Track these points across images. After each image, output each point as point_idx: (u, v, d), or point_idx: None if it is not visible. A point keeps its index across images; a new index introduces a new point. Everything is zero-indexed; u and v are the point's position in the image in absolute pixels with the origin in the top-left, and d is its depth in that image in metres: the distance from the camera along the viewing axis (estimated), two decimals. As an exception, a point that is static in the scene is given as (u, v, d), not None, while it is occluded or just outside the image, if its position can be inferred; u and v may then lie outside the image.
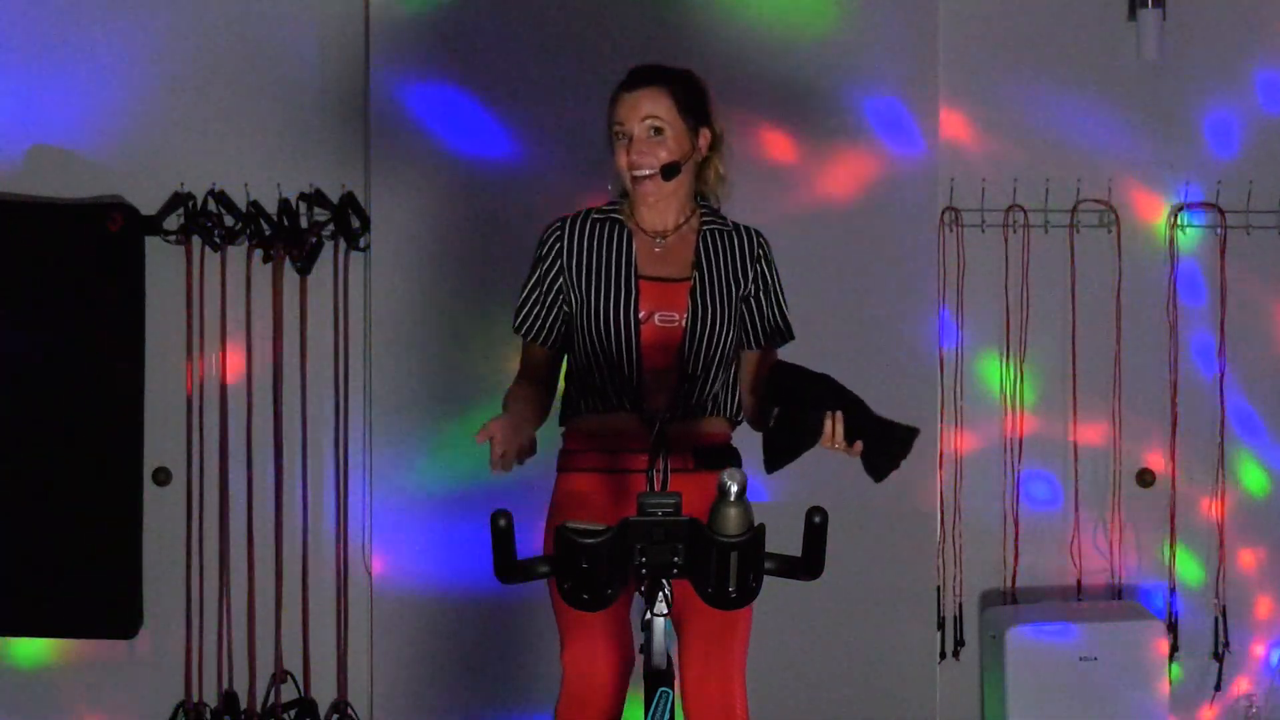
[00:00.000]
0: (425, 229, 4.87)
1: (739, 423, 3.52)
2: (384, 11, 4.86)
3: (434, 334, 4.86)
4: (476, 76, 4.86)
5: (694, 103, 3.45)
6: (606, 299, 3.39)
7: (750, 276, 3.48)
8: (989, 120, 5.13)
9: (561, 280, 3.44)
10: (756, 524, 2.82)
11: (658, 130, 3.40)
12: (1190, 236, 5.15)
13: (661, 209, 3.45)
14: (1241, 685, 5.21)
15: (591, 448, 3.42)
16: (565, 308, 3.45)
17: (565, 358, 3.50)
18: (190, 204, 4.93)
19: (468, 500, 4.77)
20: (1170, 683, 4.98)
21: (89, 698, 4.98)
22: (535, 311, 3.46)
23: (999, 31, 5.11)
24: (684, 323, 3.40)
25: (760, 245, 3.51)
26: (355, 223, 4.96)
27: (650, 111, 3.40)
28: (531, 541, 3.35)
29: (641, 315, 3.39)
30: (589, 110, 3.55)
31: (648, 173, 3.39)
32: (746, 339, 3.50)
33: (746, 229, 3.52)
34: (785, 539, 3.02)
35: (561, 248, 3.45)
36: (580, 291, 3.41)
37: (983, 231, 5.12)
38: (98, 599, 4.88)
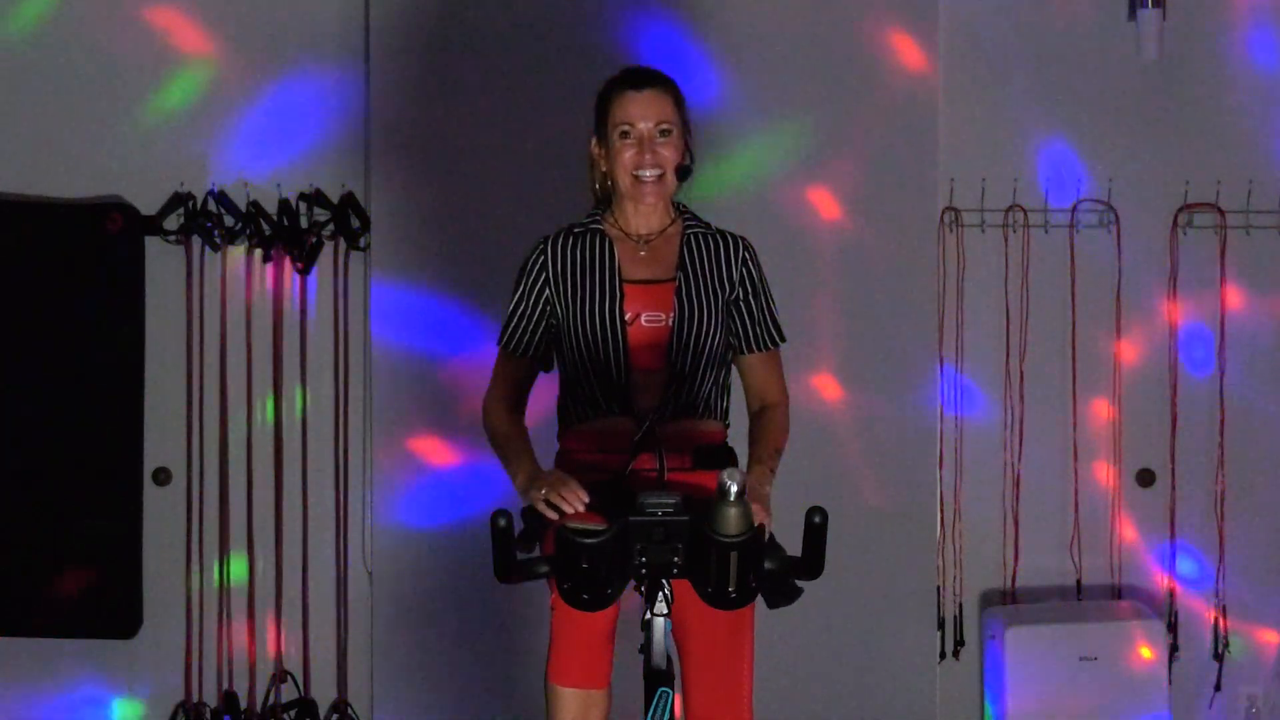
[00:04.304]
0: (425, 229, 4.87)
1: (728, 426, 3.52)
2: (384, 11, 4.86)
3: (434, 334, 4.86)
4: (476, 77, 4.85)
5: (685, 106, 3.48)
6: (592, 304, 3.39)
7: (736, 279, 3.47)
8: (989, 120, 5.12)
9: (548, 293, 3.45)
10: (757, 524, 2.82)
11: (665, 132, 3.41)
12: (1190, 237, 5.15)
13: (648, 212, 3.45)
14: (1241, 685, 5.20)
15: (589, 450, 3.42)
16: (551, 321, 3.45)
17: (556, 370, 3.50)
18: (190, 204, 4.93)
19: (467, 500, 4.77)
20: (1170, 683, 4.98)
21: (89, 698, 4.98)
22: (521, 325, 3.47)
23: (999, 31, 5.11)
24: (670, 322, 3.40)
25: (745, 249, 3.50)
26: (355, 223, 4.96)
27: (661, 112, 3.41)
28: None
29: (628, 316, 3.39)
30: (588, 109, 3.55)
31: (656, 174, 3.40)
32: (741, 344, 3.49)
33: (730, 234, 3.52)
34: (785, 539, 3.03)
35: (546, 261, 3.46)
36: (567, 301, 3.41)
37: (983, 231, 5.12)
38: (98, 599, 4.88)
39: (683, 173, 3.43)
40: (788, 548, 2.99)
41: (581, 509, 3.08)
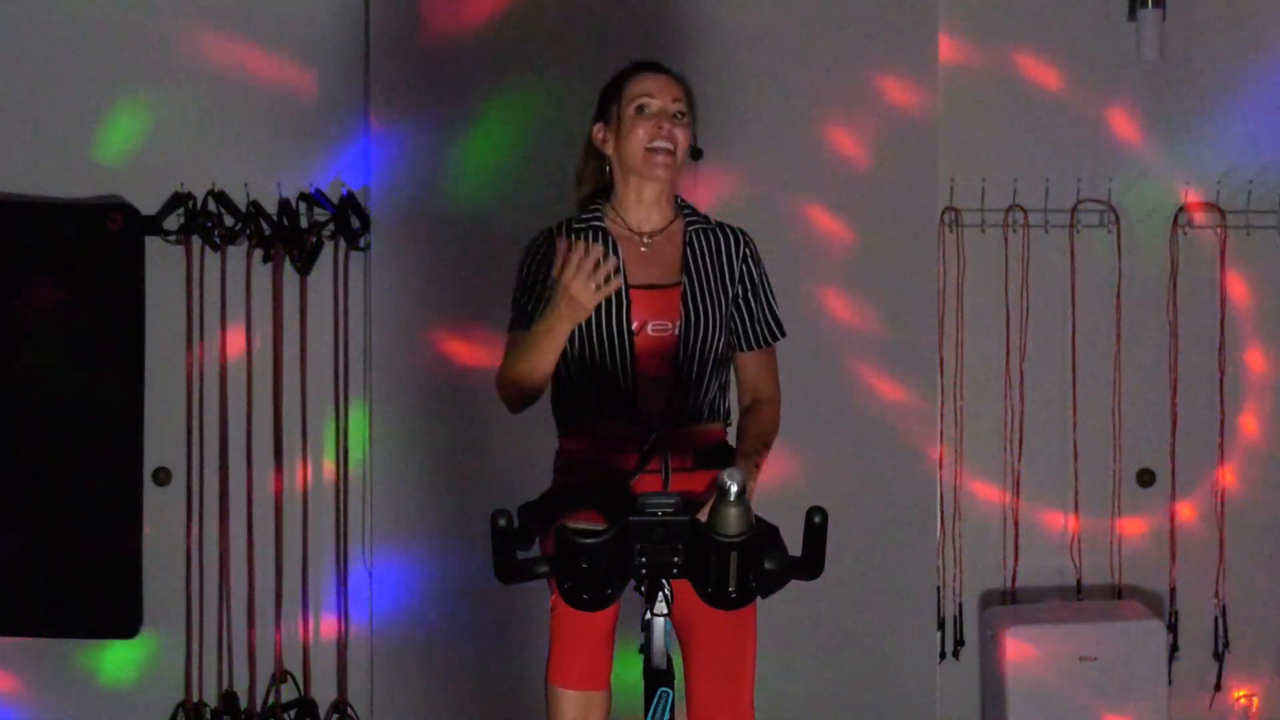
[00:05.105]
0: (425, 229, 4.87)
1: (730, 424, 3.51)
2: (384, 11, 4.86)
3: (434, 334, 4.86)
4: (476, 76, 4.85)
5: (695, 104, 3.48)
6: (598, 311, 3.36)
7: (737, 276, 3.46)
8: (990, 120, 5.12)
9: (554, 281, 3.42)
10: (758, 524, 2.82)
11: (680, 115, 3.41)
12: (1190, 236, 5.16)
13: (652, 201, 3.43)
14: (1241, 685, 5.20)
15: (590, 451, 3.40)
16: None
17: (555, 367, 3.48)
18: (190, 204, 4.93)
19: (467, 500, 4.77)
20: (1170, 683, 4.98)
21: (89, 698, 4.98)
22: (530, 305, 3.39)
23: (999, 31, 5.11)
24: (677, 330, 3.38)
25: (746, 245, 3.49)
26: (355, 223, 4.96)
27: (678, 93, 3.42)
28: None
29: (634, 326, 3.38)
30: (589, 109, 3.55)
31: (670, 147, 3.38)
32: (738, 341, 3.48)
33: (731, 228, 3.50)
34: (785, 539, 3.02)
35: (552, 251, 3.42)
36: None
37: (983, 231, 5.12)
38: (98, 599, 4.88)
39: (695, 153, 3.43)
40: (787, 548, 2.99)
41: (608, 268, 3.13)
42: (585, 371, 3.37)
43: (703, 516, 2.82)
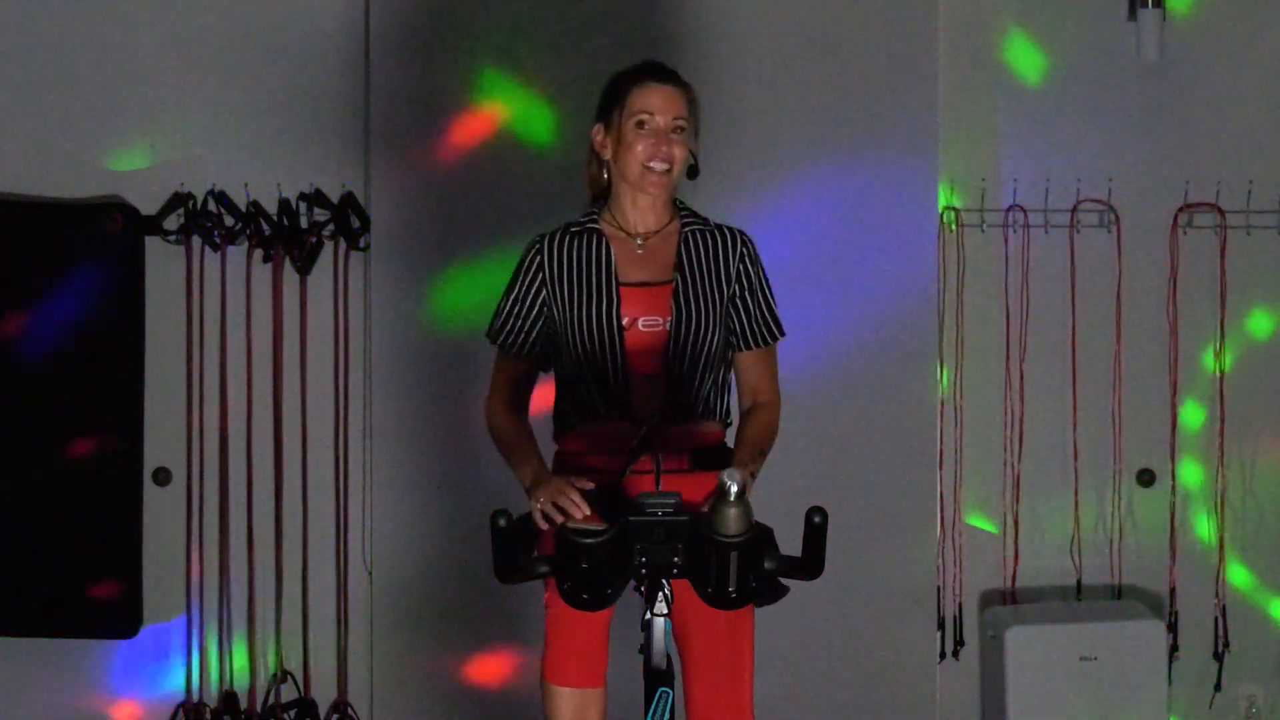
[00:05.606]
0: (425, 229, 4.87)
1: (729, 424, 3.51)
2: (384, 11, 4.86)
3: (434, 334, 4.86)
4: (476, 76, 4.86)
5: (699, 112, 3.47)
6: (589, 308, 3.37)
7: (734, 276, 3.46)
8: (989, 120, 5.12)
9: (545, 294, 3.42)
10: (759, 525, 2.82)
11: (680, 129, 3.40)
12: (1190, 237, 5.15)
13: (647, 208, 3.44)
14: (1241, 685, 5.20)
15: (588, 452, 3.41)
16: (548, 321, 3.43)
17: (553, 373, 3.49)
18: (190, 204, 4.93)
19: (468, 500, 4.77)
20: (1170, 683, 4.98)
21: (89, 698, 4.98)
22: (517, 325, 3.44)
23: (998, 31, 5.11)
24: (668, 326, 3.38)
25: (744, 245, 3.48)
26: (355, 223, 4.96)
27: (678, 109, 3.40)
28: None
29: (625, 321, 3.37)
30: (589, 109, 3.55)
31: (665, 167, 3.38)
32: (736, 341, 3.47)
33: (729, 229, 3.50)
34: (785, 539, 3.03)
35: (543, 261, 3.43)
36: (563, 304, 3.39)
37: (983, 231, 5.12)
38: (98, 599, 4.88)
39: (691, 172, 3.43)
40: (788, 548, 2.99)
41: (582, 516, 3.06)
42: (579, 370, 3.38)
43: None
